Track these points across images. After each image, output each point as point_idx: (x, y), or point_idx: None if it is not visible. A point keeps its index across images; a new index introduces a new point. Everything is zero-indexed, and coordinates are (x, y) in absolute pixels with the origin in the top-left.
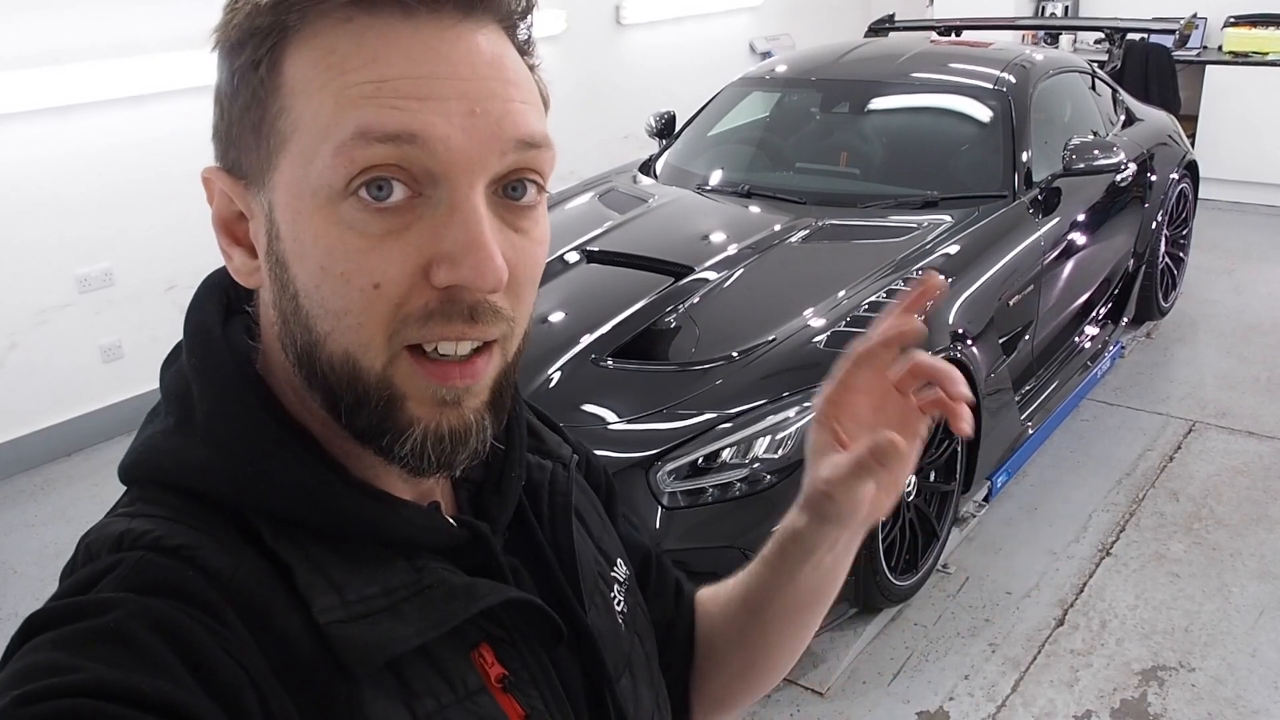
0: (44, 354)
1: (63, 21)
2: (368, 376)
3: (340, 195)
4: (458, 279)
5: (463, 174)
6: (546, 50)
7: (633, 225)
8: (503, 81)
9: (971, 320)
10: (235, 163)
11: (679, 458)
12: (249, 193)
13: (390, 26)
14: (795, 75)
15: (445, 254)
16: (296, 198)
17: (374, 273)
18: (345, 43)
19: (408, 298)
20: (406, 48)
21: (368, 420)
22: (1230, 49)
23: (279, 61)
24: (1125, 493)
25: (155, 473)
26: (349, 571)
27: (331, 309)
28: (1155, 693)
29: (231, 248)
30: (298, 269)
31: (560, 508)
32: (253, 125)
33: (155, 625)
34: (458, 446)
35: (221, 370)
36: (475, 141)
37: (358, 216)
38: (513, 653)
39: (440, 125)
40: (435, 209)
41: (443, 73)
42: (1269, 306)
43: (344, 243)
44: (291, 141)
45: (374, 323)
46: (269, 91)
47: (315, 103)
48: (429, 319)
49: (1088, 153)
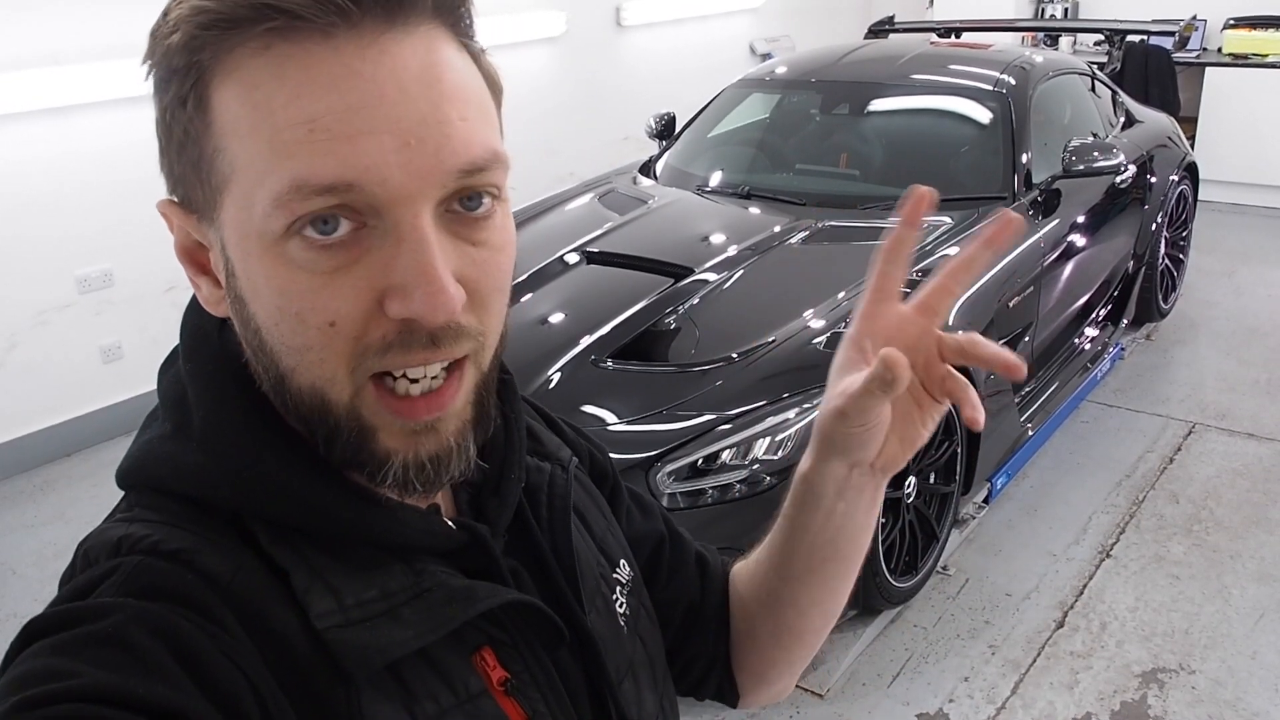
0: (44, 354)
1: (62, 22)
2: (336, 409)
3: (284, 236)
4: (410, 312)
5: (405, 206)
6: (546, 52)
7: (633, 226)
8: (435, 101)
9: (971, 321)
10: (185, 197)
11: (679, 459)
12: (203, 225)
13: (309, 53)
14: (795, 77)
15: (397, 286)
16: (244, 238)
17: (328, 310)
18: (265, 76)
19: (364, 331)
20: (329, 76)
21: (344, 451)
22: (1230, 51)
23: (206, 98)
24: (1125, 494)
25: (153, 478)
26: (347, 576)
27: (292, 346)
28: (1155, 695)
29: (198, 277)
30: (255, 307)
31: (559, 510)
32: (192, 163)
33: (154, 630)
34: (440, 470)
35: (217, 375)
36: (413, 175)
37: (305, 255)
38: (514, 655)
39: (375, 167)
40: (383, 238)
41: (370, 101)
42: (1269, 308)
43: (294, 282)
44: (232, 182)
45: (335, 358)
46: (201, 130)
47: (249, 146)
48: (388, 350)
49: (1087, 154)
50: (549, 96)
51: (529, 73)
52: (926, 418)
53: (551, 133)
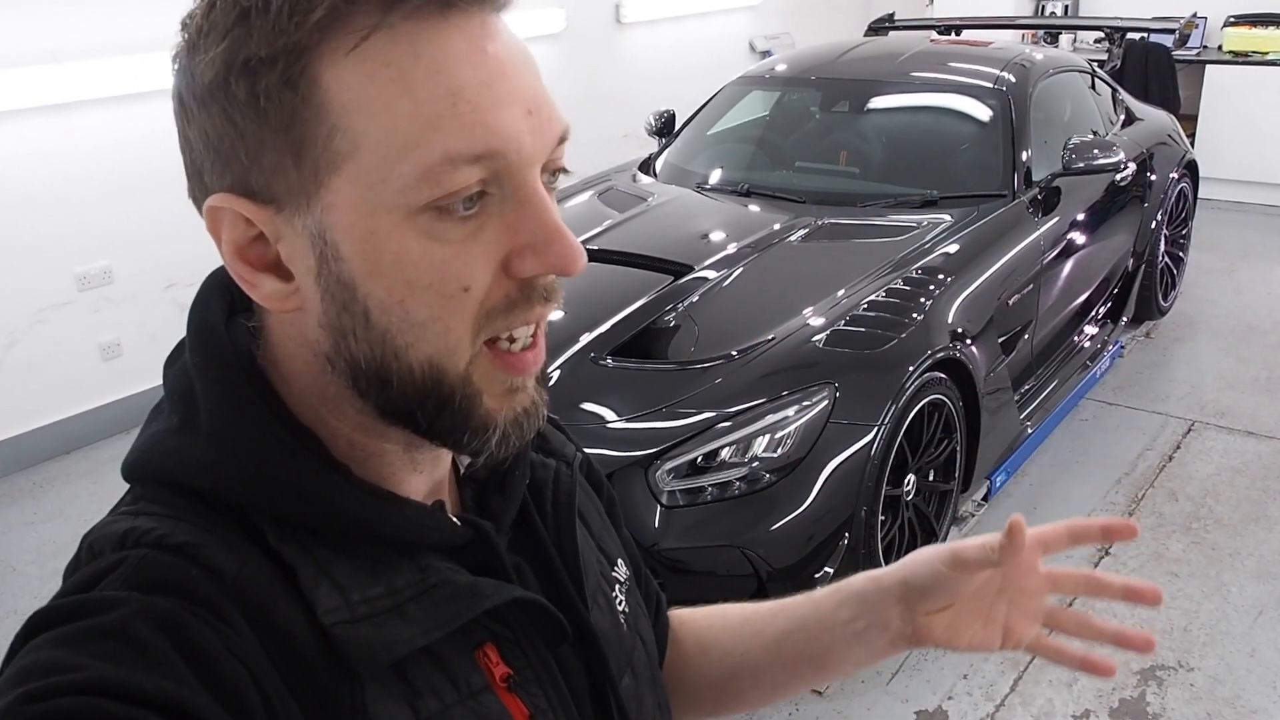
0: (43, 352)
1: (61, 19)
2: (451, 378)
3: (420, 210)
4: (545, 267)
5: (528, 170)
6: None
7: (632, 224)
8: (536, 76)
9: (971, 319)
10: (262, 187)
11: (678, 456)
12: (280, 217)
13: (436, 30)
14: (795, 74)
15: (526, 245)
16: (368, 216)
17: (462, 277)
18: (398, 53)
19: (490, 294)
20: (461, 52)
21: (450, 421)
22: (1230, 48)
23: (318, 78)
24: (1124, 492)
25: (159, 471)
26: (353, 572)
27: (417, 320)
28: (1154, 692)
29: (255, 275)
30: (373, 285)
31: (564, 506)
32: (291, 146)
33: (159, 624)
34: (529, 423)
35: (225, 369)
36: (538, 142)
37: (438, 226)
38: (517, 652)
39: (514, 135)
40: (503, 204)
41: (499, 75)
42: (1268, 306)
43: (429, 254)
44: (351, 161)
45: (462, 325)
46: (313, 111)
47: (382, 121)
48: (511, 309)
49: (1087, 152)
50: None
51: None
52: (979, 638)
53: None
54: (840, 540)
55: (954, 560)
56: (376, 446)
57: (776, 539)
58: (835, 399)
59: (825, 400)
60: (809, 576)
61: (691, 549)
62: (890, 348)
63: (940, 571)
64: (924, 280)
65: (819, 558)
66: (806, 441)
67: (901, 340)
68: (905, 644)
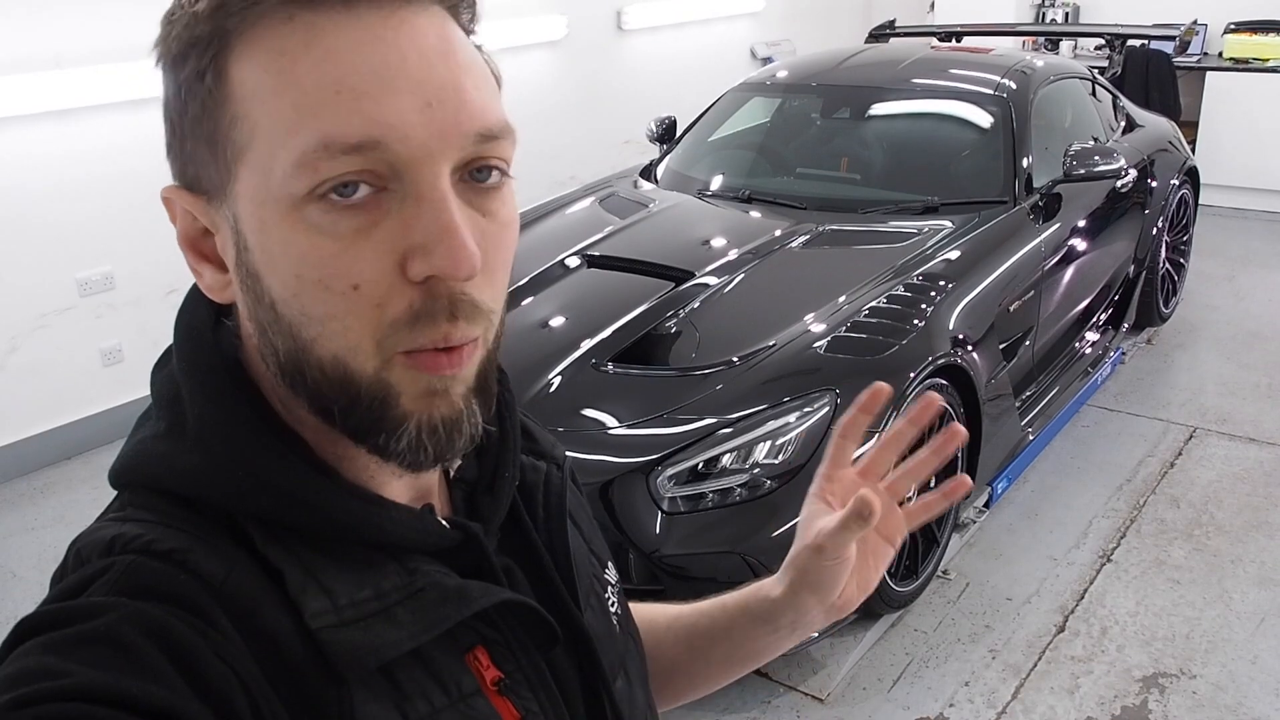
0: (44, 357)
1: (64, 25)
2: (360, 378)
3: (304, 200)
4: (432, 269)
5: (425, 166)
6: (547, 56)
7: (633, 230)
8: (452, 68)
9: (972, 326)
10: (194, 178)
11: (679, 463)
12: (211, 207)
13: (333, 20)
14: (796, 81)
15: (418, 245)
16: (260, 206)
17: (350, 274)
18: (292, 43)
19: (388, 298)
20: (355, 41)
21: (360, 419)
22: (1231, 55)
23: (225, 69)
24: (1126, 499)
25: (146, 477)
26: (341, 575)
27: (314, 315)
28: (1156, 699)
29: (200, 265)
30: (271, 279)
31: (555, 508)
32: (206, 137)
33: (147, 629)
34: (452, 435)
35: (212, 374)
36: (434, 135)
37: (325, 219)
38: (508, 655)
39: (399, 125)
40: (402, 201)
41: (394, 64)
42: (1270, 313)
43: (316, 248)
44: (250, 150)
45: (360, 325)
46: (218, 101)
47: (271, 108)
48: (415, 321)
49: (1088, 158)
50: (550, 100)
51: (530, 76)
52: (879, 563)
53: (552, 136)
54: None
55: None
56: (344, 449)
57: (778, 545)
58: (836, 405)
59: (826, 406)
60: None
61: (692, 555)
62: (891, 354)
63: (823, 564)
64: (925, 286)
65: None
66: (808, 448)
67: (903, 346)
68: (833, 617)
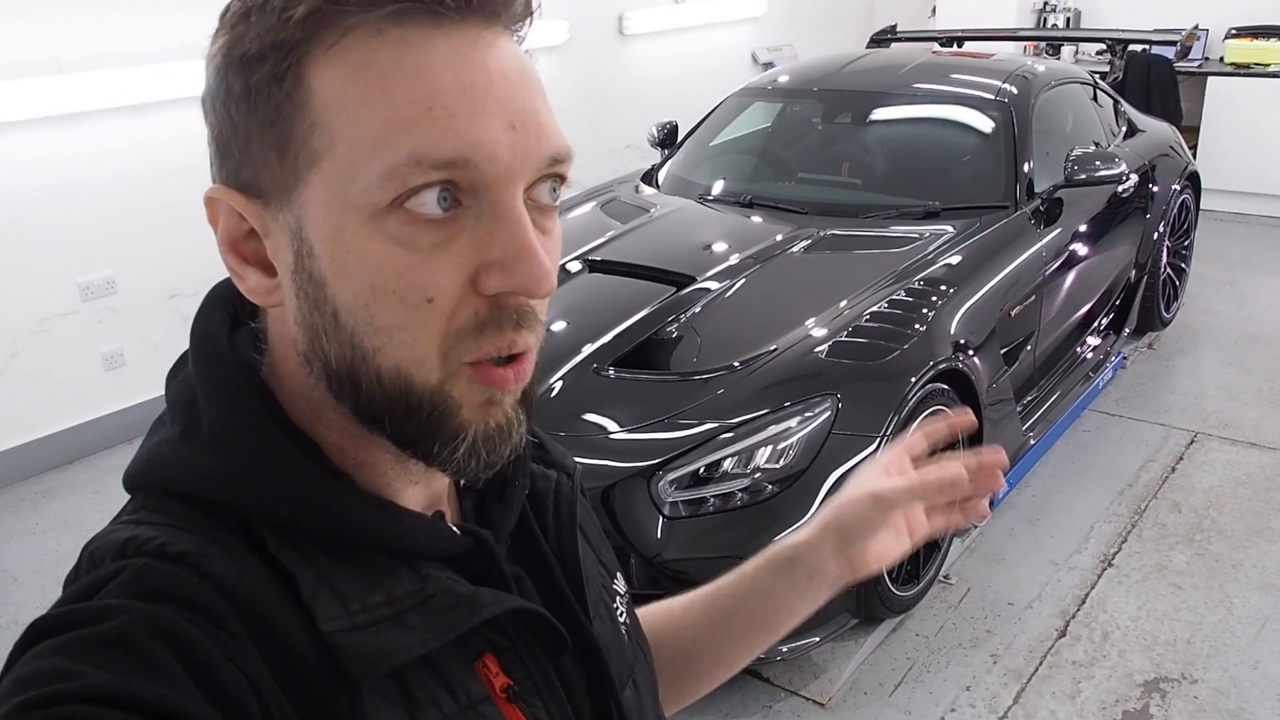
0: (46, 362)
1: (66, 30)
2: (421, 390)
3: (385, 211)
4: (511, 286)
5: (506, 185)
6: (549, 60)
7: (635, 235)
8: (531, 93)
9: (973, 331)
10: (250, 180)
11: (680, 467)
12: (267, 211)
13: (424, 37)
14: (797, 86)
15: (495, 261)
16: (336, 214)
17: (427, 287)
18: (382, 56)
19: (456, 309)
20: (446, 60)
21: (416, 430)
22: (1232, 60)
23: (305, 76)
24: (1127, 504)
25: (160, 480)
26: (353, 580)
27: (382, 325)
28: (1158, 704)
29: (243, 268)
30: (340, 286)
31: (565, 517)
32: (277, 142)
33: (158, 632)
34: (503, 444)
35: (227, 379)
36: (517, 157)
37: (404, 231)
38: (517, 662)
39: (489, 145)
40: (478, 218)
41: (482, 85)
42: (1271, 317)
43: (393, 259)
44: (327, 158)
45: (428, 337)
46: (296, 107)
47: (358, 120)
48: (482, 330)
49: (1089, 164)
50: (551, 104)
51: None
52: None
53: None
54: None
55: (880, 503)
56: (367, 455)
57: None
58: (837, 410)
59: (828, 411)
60: None
61: (694, 560)
62: (892, 359)
63: (869, 515)
64: (926, 291)
65: None
66: (809, 452)
67: (904, 351)
68: (844, 582)
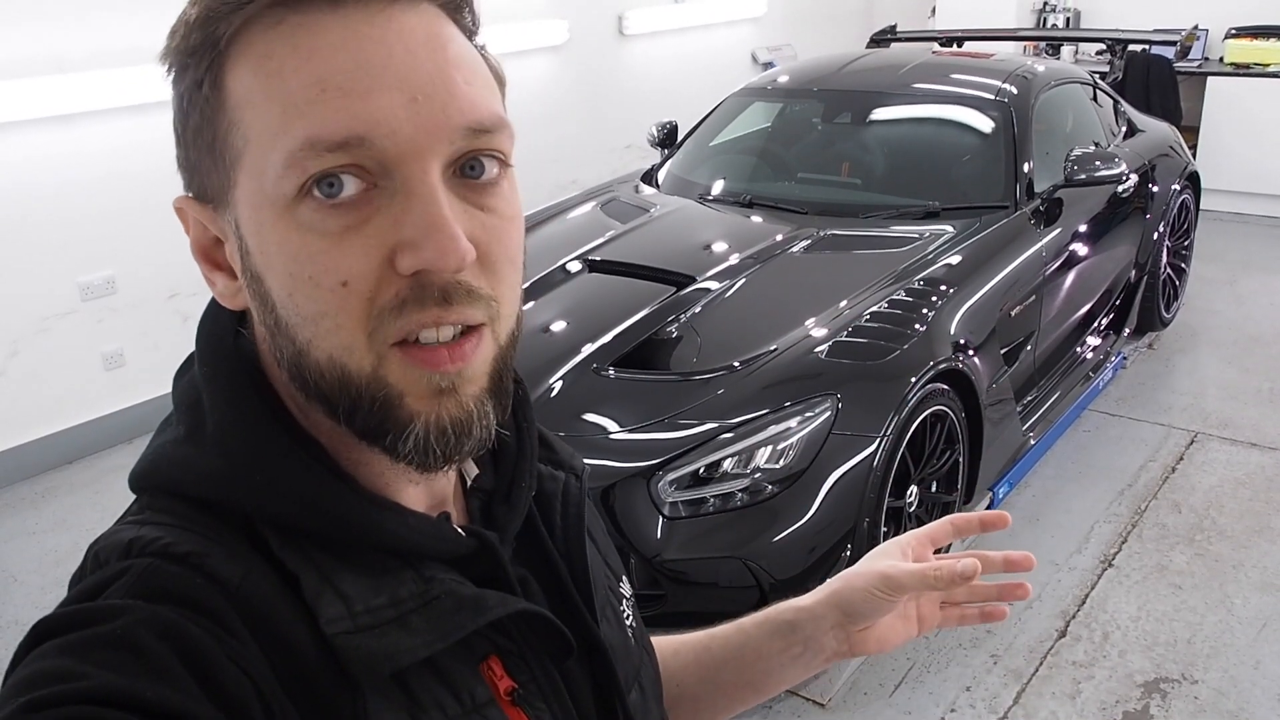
0: (46, 362)
1: (66, 30)
2: (358, 378)
3: (295, 200)
4: (421, 262)
5: (414, 161)
6: (548, 60)
7: (635, 235)
8: (440, 63)
9: (973, 331)
10: (200, 188)
11: (680, 467)
12: (218, 215)
13: (318, 20)
14: (797, 86)
15: (407, 240)
16: (256, 209)
17: (339, 270)
18: (279, 46)
19: (377, 291)
20: (338, 39)
21: (365, 421)
22: (1232, 60)
23: (221, 77)
24: (1127, 504)
25: (165, 481)
26: (357, 582)
27: (307, 315)
28: (1158, 705)
29: (213, 274)
30: (270, 281)
31: (573, 519)
32: (207, 146)
33: (162, 633)
34: (461, 437)
35: (233, 380)
36: (422, 130)
37: (315, 217)
38: (522, 665)
39: (385, 121)
40: (392, 198)
41: (377, 60)
42: (1271, 317)
43: (306, 246)
44: (245, 155)
45: (351, 322)
46: (215, 109)
47: (262, 114)
48: (402, 307)
49: (1089, 164)
50: (551, 105)
51: (531, 81)
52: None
53: (553, 141)
54: (842, 552)
55: (889, 585)
56: (360, 454)
57: (779, 550)
58: (837, 410)
59: (827, 411)
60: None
61: (693, 560)
62: (892, 359)
63: (875, 596)
64: (926, 291)
65: (821, 569)
66: (809, 453)
67: (904, 351)
68: (840, 658)
